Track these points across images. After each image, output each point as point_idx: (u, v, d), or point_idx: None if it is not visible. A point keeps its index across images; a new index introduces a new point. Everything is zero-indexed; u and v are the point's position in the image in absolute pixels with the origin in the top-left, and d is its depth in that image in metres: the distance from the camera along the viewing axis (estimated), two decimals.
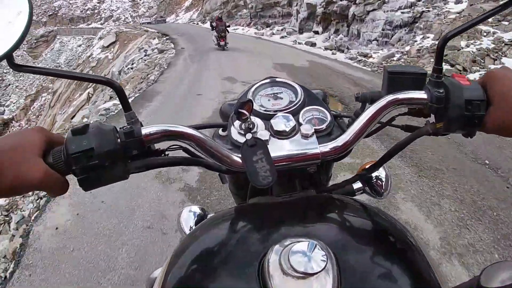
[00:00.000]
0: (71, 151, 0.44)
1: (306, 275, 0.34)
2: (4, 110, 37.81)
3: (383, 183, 0.81)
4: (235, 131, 0.59)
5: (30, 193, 2.82)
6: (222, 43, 12.42)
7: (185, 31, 22.09)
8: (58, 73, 0.47)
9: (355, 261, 0.40)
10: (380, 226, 0.51)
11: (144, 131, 0.49)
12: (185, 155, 0.57)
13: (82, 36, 49.84)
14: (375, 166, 0.63)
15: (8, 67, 0.42)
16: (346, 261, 0.39)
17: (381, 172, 0.82)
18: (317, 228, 0.49)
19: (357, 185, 0.82)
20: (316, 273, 0.34)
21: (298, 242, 0.37)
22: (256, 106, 0.62)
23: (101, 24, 61.62)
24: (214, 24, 12.78)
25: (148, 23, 41.38)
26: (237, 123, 0.59)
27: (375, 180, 0.82)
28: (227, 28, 12.64)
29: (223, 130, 0.64)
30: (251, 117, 0.54)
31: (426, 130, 0.55)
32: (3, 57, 0.42)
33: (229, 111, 0.70)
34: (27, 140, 0.43)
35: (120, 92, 0.49)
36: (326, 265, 0.34)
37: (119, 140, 0.47)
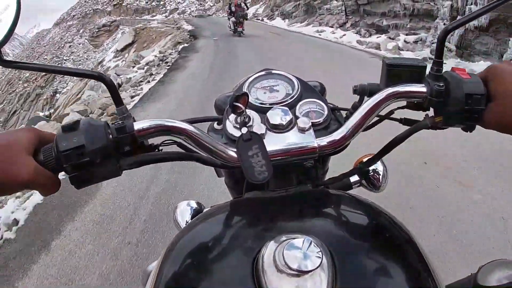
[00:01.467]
0: (61, 148, 0.43)
1: (301, 272, 0.33)
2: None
3: (380, 177, 0.82)
4: (230, 125, 0.59)
5: None
6: (239, 29, 13.05)
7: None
8: (47, 68, 0.46)
9: (351, 258, 0.40)
10: (377, 222, 0.51)
11: (137, 126, 0.48)
12: (180, 150, 0.57)
13: None
14: (373, 160, 0.63)
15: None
16: (342, 258, 0.39)
17: (378, 166, 0.82)
18: (312, 223, 0.49)
19: (354, 178, 0.83)
20: (311, 270, 0.33)
21: (293, 238, 0.36)
22: (251, 99, 0.61)
23: (166, 16, 57.24)
24: (233, 9, 13.14)
25: (200, 16, 37.01)
26: (232, 116, 0.59)
27: (372, 173, 0.82)
28: (246, 15, 13.42)
29: (218, 124, 0.64)
30: (247, 110, 0.54)
31: (425, 124, 0.54)
32: None
33: (224, 104, 0.71)
34: (16, 138, 0.43)
35: (111, 87, 0.48)
36: (321, 263, 0.34)
37: (110, 136, 0.46)
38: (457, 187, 2.61)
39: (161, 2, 62.95)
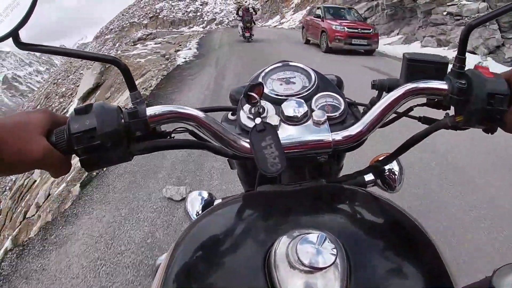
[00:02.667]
0: (73, 130, 0.44)
1: (314, 269, 0.32)
2: None
3: (396, 177, 0.81)
4: (244, 115, 0.58)
5: None
6: (247, 34, 12.97)
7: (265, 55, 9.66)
8: (63, 51, 0.46)
9: (365, 256, 0.39)
10: (393, 220, 0.49)
11: (149, 111, 0.48)
12: (192, 138, 0.57)
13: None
14: (389, 159, 0.62)
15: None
16: (357, 256, 0.38)
17: (394, 165, 0.82)
18: (327, 219, 0.48)
19: (369, 177, 0.82)
20: (325, 267, 0.32)
21: (307, 233, 0.35)
22: (267, 90, 0.61)
23: (203, 28, 54.55)
24: (240, 13, 13.12)
25: (236, 26, 34.03)
26: (246, 107, 0.58)
27: (387, 173, 0.81)
28: (253, 20, 13.16)
29: (232, 114, 0.63)
30: (261, 101, 0.55)
31: (444, 123, 0.53)
32: (9, 35, 0.42)
33: (239, 95, 0.69)
34: (31, 119, 0.44)
35: (125, 72, 0.48)
36: (335, 260, 0.33)
37: (122, 120, 0.46)
38: None
39: (198, 13, 60.71)
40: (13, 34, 0.42)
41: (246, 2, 58.83)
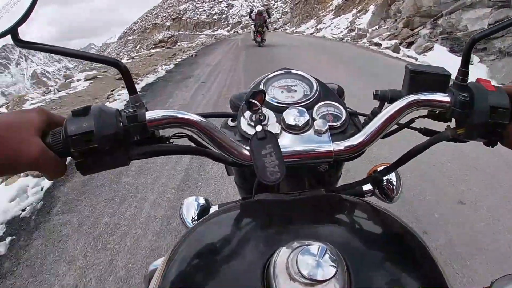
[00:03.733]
0: (69, 132, 0.43)
1: (315, 282, 0.32)
2: None
3: (394, 187, 0.81)
4: (245, 122, 0.58)
5: None
6: (258, 38, 12.48)
7: None
8: (62, 51, 0.46)
9: (366, 269, 0.39)
10: (393, 232, 0.50)
11: (149, 116, 0.47)
12: (191, 144, 0.57)
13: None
14: (389, 169, 0.61)
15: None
16: (357, 268, 0.38)
17: (392, 176, 0.82)
18: (327, 230, 0.48)
19: (367, 187, 0.83)
20: (325, 280, 0.32)
21: (308, 245, 0.35)
22: (268, 98, 0.61)
23: (228, 31, 51.76)
24: (253, 17, 12.67)
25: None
26: (247, 113, 0.57)
27: (386, 183, 0.81)
28: (266, 24, 12.63)
29: (232, 121, 0.63)
30: (263, 108, 0.55)
31: (446, 135, 0.53)
32: (7, 32, 0.41)
33: (240, 101, 0.71)
34: (26, 118, 0.43)
35: (125, 74, 0.47)
36: (336, 273, 0.33)
37: (121, 124, 0.46)
38: None
39: (223, 16, 58.09)
40: (12, 31, 0.41)
41: (273, 4, 55.69)
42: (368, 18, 16.53)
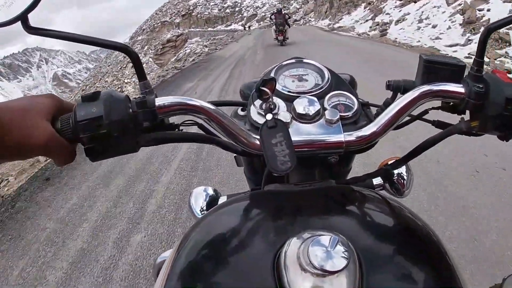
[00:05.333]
0: (79, 118, 0.43)
1: (326, 272, 0.32)
2: None
3: (405, 181, 0.79)
4: (255, 111, 0.57)
5: None
6: (280, 37, 12.44)
7: None
8: (72, 36, 0.45)
9: (378, 261, 0.39)
10: (405, 224, 0.49)
11: (158, 102, 0.47)
12: (200, 131, 0.57)
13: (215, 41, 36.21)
14: (400, 162, 0.61)
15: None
16: (369, 260, 0.38)
17: (403, 170, 0.80)
18: (338, 221, 0.47)
19: (377, 181, 0.80)
20: (337, 271, 0.32)
21: (319, 235, 0.35)
22: (279, 87, 0.59)
23: (242, 25, 46.93)
24: (273, 17, 12.50)
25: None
26: (257, 102, 0.57)
27: (396, 177, 0.79)
28: (288, 23, 12.40)
29: (242, 110, 0.63)
30: (273, 97, 0.54)
31: (459, 128, 0.52)
32: (18, 18, 0.41)
33: (250, 90, 0.70)
34: (37, 103, 0.43)
35: (135, 60, 0.47)
36: (348, 263, 0.32)
37: (130, 110, 0.46)
38: None
39: (237, 9, 53.31)
40: (22, 18, 0.41)
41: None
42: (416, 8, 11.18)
